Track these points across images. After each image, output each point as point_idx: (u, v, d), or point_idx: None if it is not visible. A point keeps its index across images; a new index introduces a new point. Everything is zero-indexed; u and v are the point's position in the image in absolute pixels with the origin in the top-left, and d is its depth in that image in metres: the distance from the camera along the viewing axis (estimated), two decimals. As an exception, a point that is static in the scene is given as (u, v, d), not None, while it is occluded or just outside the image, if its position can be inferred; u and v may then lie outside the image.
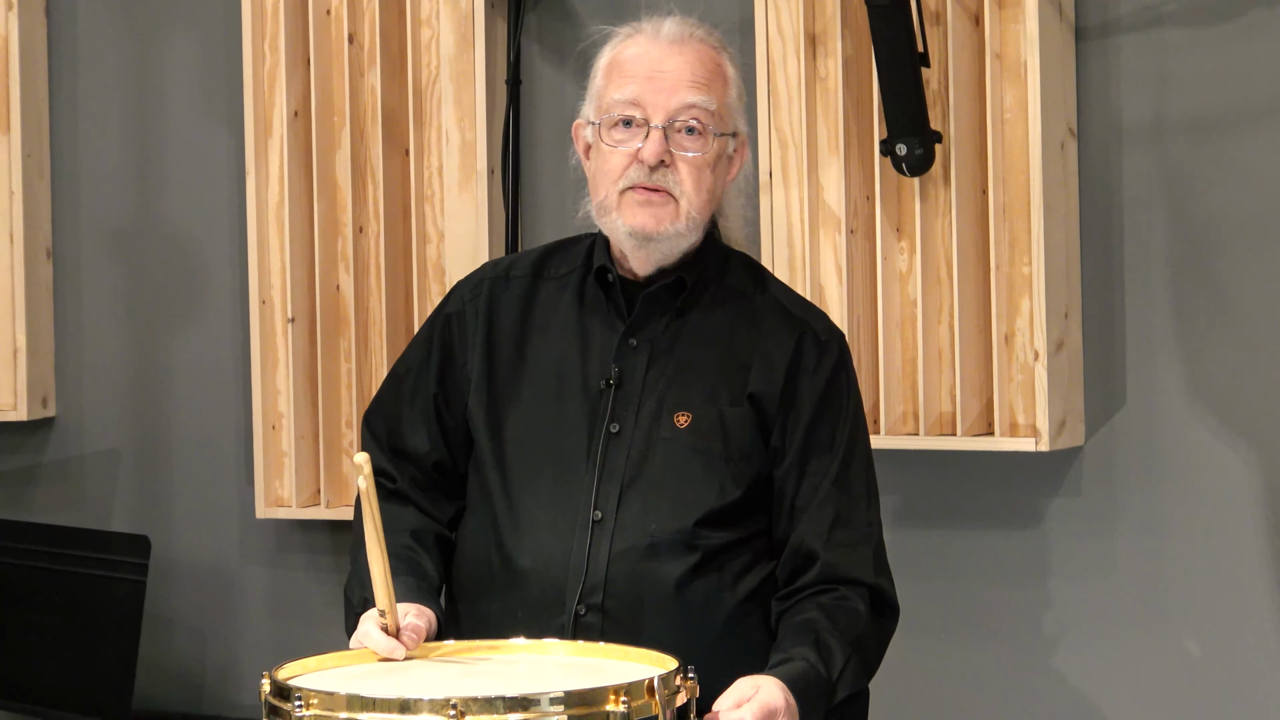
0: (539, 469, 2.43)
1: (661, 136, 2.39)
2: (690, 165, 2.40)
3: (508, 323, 2.51)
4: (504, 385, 2.48)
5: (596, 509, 2.39)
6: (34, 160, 4.15)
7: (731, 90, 2.46)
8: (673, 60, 2.42)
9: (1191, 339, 3.30)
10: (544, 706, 1.94)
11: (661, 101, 2.39)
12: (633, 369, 2.44)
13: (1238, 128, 3.25)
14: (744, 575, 2.40)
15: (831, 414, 2.44)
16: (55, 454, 4.23)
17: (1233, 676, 3.29)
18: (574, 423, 2.43)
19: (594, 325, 2.47)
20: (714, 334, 2.46)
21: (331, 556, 3.99)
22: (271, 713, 2.04)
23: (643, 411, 2.42)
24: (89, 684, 3.85)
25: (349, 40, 3.84)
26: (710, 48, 2.46)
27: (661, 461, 2.40)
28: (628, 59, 2.44)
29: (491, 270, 2.57)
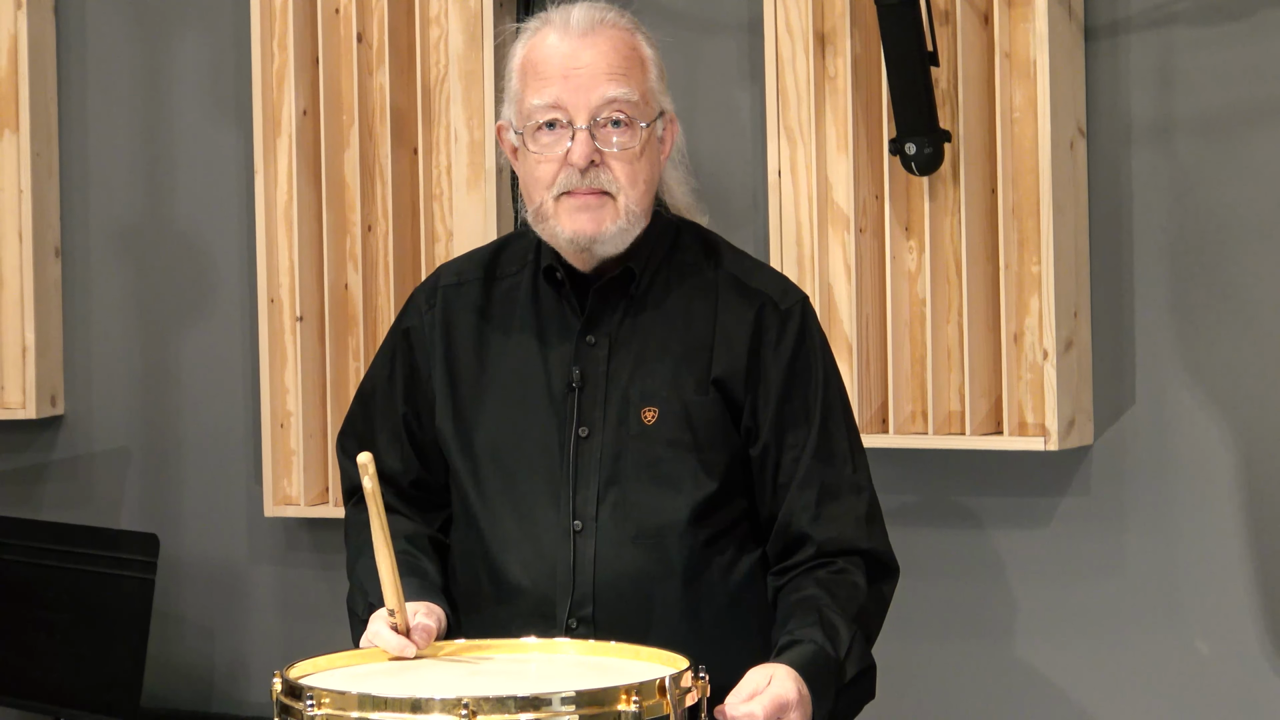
0: (513, 482, 2.38)
1: (587, 136, 2.32)
2: (622, 160, 2.34)
3: (465, 330, 2.45)
4: (469, 398, 2.43)
5: (575, 518, 2.35)
6: (43, 159, 4.15)
7: (651, 72, 2.38)
8: (586, 53, 2.34)
9: (1201, 338, 3.30)
10: (555, 706, 1.93)
11: (582, 100, 2.33)
12: (594, 368, 2.38)
13: (1247, 127, 3.25)
14: (733, 566, 2.37)
15: (801, 384, 2.38)
16: (64, 452, 4.23)
17: (1242, 676, 3.29)
18: (542, 430, 2.38)
19: (550, 326, 2.41)
20: (671, 318, 2.40)
21: (340, 555, 3.96)
22: (283, 712, 2.03)
23: (609, 411, 2.37)
24: (98, 682, 3.85)
25: (358, 39, 3.84)
26: (623, 30, 2.38)
27: (634, 461, 2.35)
28: (541, 59, 2.36)
29: (446, 277, 2.51)
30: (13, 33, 4.11)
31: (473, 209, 3.77)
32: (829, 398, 2.39)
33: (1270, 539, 3.26)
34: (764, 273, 2.47)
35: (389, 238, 3.83)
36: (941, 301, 3.39)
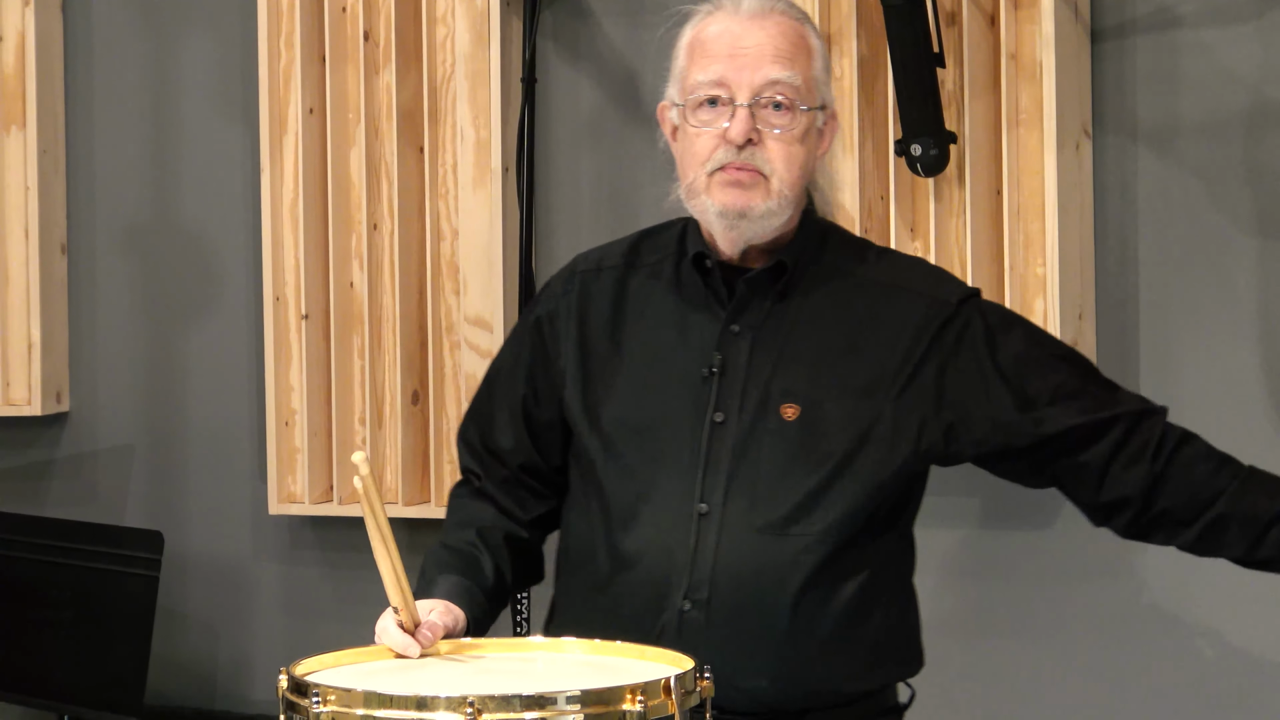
0: (640, 460, 2.38)
1: (748, 114, 2.33)
2: (779, 141, 2.34)
3: (601, 314, 2.46)
4: (599, 376, 2.43)
5: (702, 501, 2.33)
6: (49, 156, 4.15)
7: (817, 62, 2.38)
8: (754, 35, 2.35)
9: (1206, 340, 3.30)
10: (560, 705, 1.93)
11: (745, 79, 2.33)
12: (736, 356, 2.37)
13: (1253, 129, 3.25)
14: (856, 573, 2.33)
15: (1019, 368, 2.38)
16: (69, 449, 4.24)
17: (1247, 679, 3.29)
18: (675, 412, 2.37)
19: (692, 312, 2.41)
20: (819, 318, 2.39)
21: (344, 553, 3.99)
22: (289, 708, 2.03)
23: (748, 401, 2.35)
24: (102, 679, 3.85)
25: (364, 37, 3.84)
26: (793, 20, 2.39)
27: (769, 454, 2.33)
28: (709, 37, 2.37)
29: (583, 263, 2.52)
30: (20, 30, 4.11)
31: (479, 208, 3.77)
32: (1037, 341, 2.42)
33: (1274, 541, 3.26)
34: (928, 273, 2.47)
35: (395, 236, 3.83)
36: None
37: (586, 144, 3.78)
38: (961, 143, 3.34)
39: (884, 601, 2.37)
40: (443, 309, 3.81)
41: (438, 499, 3.82)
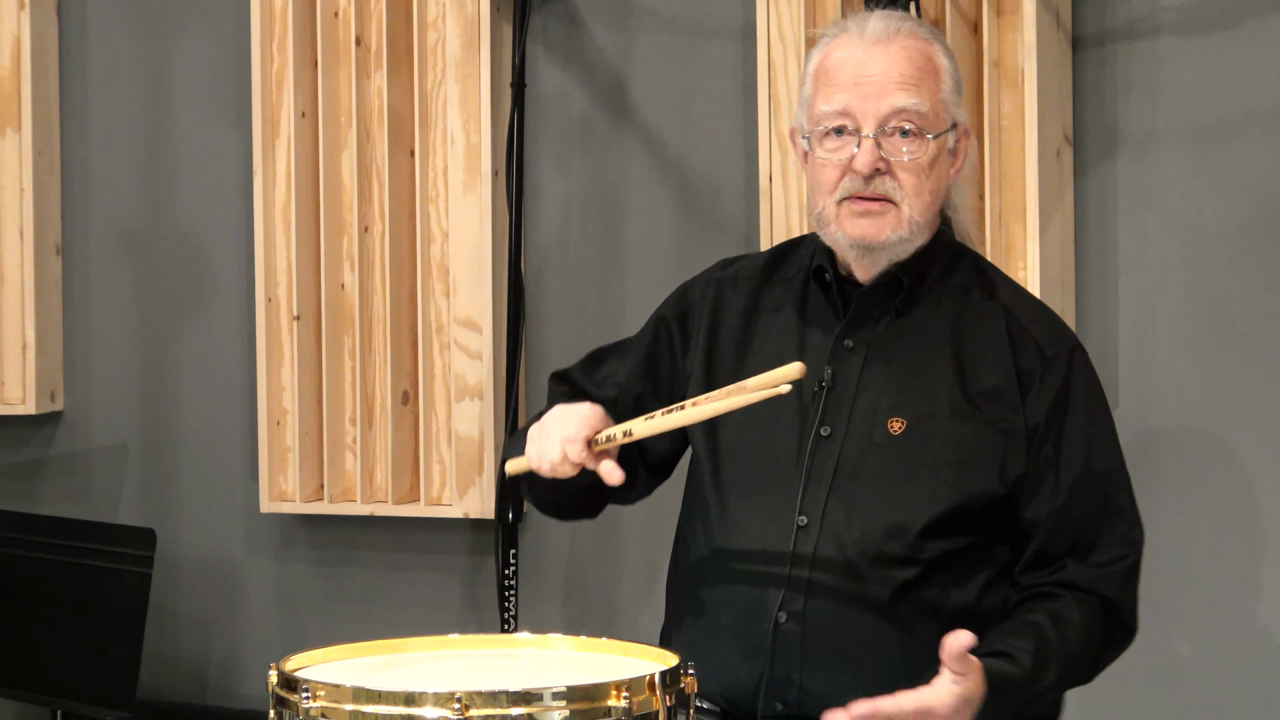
0: (750, 471, 2.37)
1: (874, 145, 2.29)
2: (908, 170, 2.30)
3: (731, 323, 2.45)
4: (722, 384, 2.37)
5: (802, 514, 2.32)
6: (44, 158, 4.15)
7: (945, 83, 2.34)
8: (879, 61, 2.31)
9: (1185, 343, 3.31)
10: (547, 701, 1.94)
11: (870, 108, 2.30)
12: (847, 371, 2.36)
13: (1233, 136, 3.26)
14: (956, 589, 2.31)
15: (1056, 431, 2.32)
16: (63, 448, 4.24)
17: (1221, 677, 3.30)
18: (786, 425, 2.36)
19: (813, 325, 2.39)
20: (934, 337, 2.36)
21: (334, 550, 4.00)
22: (279, 704, 2.04)
23: (855, 415, 2.34)
24: (95, 675, 3.85)
25: (356, 42, 3.85)
26: (920, 40, 2.34)
27: (873, 468, 2.32)
28: (834, 64, 2.34)
29: (721, 270, 2.52)
30: (15, 33, 4.11)
31: (468, 211, 3.78)
32: (1096, 448, 2.35)
33: (1252, 541, 3.27)
34: (1039, 314, 2.41)
35: (385, 239, 3.83)
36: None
37: (575, 148, 3.79)
38: (945, 148, 3.35)
39: (981, 619, 2.31)
40: (433, 310, 3.82)
41: (427, 498, 3.83)
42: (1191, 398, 3.30)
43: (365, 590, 3.98)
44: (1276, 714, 3.26)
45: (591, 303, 3.77)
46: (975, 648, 2.18)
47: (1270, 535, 3.25)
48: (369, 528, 3.93)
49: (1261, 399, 3.25)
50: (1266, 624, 3.26)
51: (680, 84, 3.68)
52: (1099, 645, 2.35)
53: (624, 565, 3.76)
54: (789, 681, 2.30)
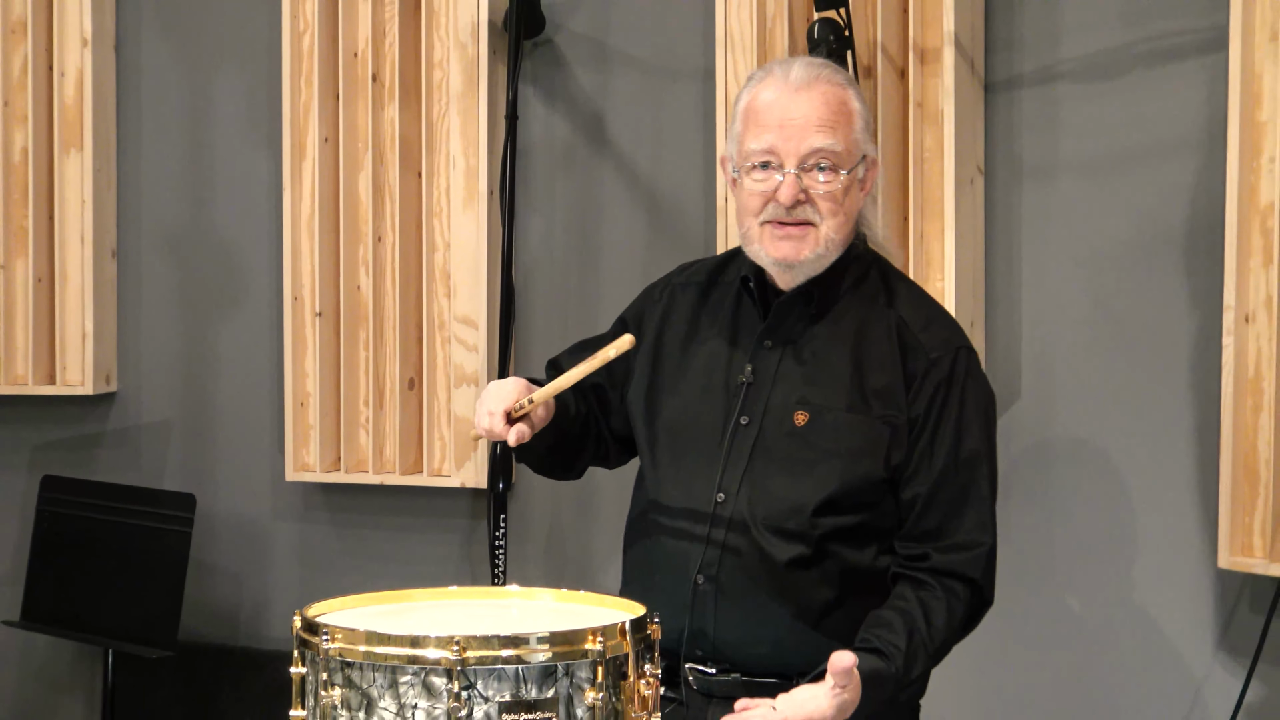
0: (682, 454, 2.38)
1: (795, 179, 2.30)
2: (824, 198, 2.31)
3: (679, 324, 2.45)
4: (666, 380, 2.42)
5: (720, 492, 2.33)
6: (103, 174, 4.14)
7: (857, 123, 2.34)
8: (801, 106, 2.31)
9: (1076, 345, 3.32)
10: (533, 644, 1.94)
11: (793, 148, 2.30)
12: (765, 368, 2.36)
13: (1122, 169, 3.27)
14: (848, 558, 2.30)
15: (933, 426, 2.31)
16: (116, 424, 4.23)
17: (1105, 627, 3.32)
18: (715, 414, 2.37)
19: (742, 328, 2.40)
20: (840, 340, 2.35)
21: (350, 514, 3.99)
22: (302, 644, 2.03)
23: (770, 407, 2.34)
24: (141, 619, 3.85)
25: (372, 79, 3.84)
26: (836, 86, 2.34)
27: (780, 454, 2.32)
28: (761, 106, 2.32)
29: (679, 276, 2.51)
30: (79, 67, 4.10)
31: (467, 224, 3.77)
32: (964, 438, 2.32)
33: (1130, 513, 3.29)
34: (931, 320, 2.38)
35: (396, 247, 3.83)
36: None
37: (560, 171, 3.79)
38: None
39: (866, 586, 2.32)
40: (436, 309, 3.82)
41: (429, 470, 3.84)
42: (1087, 396, 3.32)
43: (376, 548, 3.98)
44: (1143, 650, 3.28)
45: (572, 303, 3.78)
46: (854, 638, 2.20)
47: (1146, 514, 3.27)
48: (379, 495, 3.93)
49: (1146, 397, 3.27)
50: (1139, 584, 3.28)
51: (650, 118, 3.68)
52: (962, 626, 2.34)
53: (598, 529, 3.76)
54: (705, 634, 2.33)
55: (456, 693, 1.91)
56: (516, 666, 1.92)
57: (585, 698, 1.94)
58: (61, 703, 4.30)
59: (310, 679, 2.01)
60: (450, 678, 1.91)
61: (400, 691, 1.93)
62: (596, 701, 1.94)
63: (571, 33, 3.74)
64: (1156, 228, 3.24)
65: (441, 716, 1.92)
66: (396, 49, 3.80)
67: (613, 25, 3.72)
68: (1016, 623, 3.39)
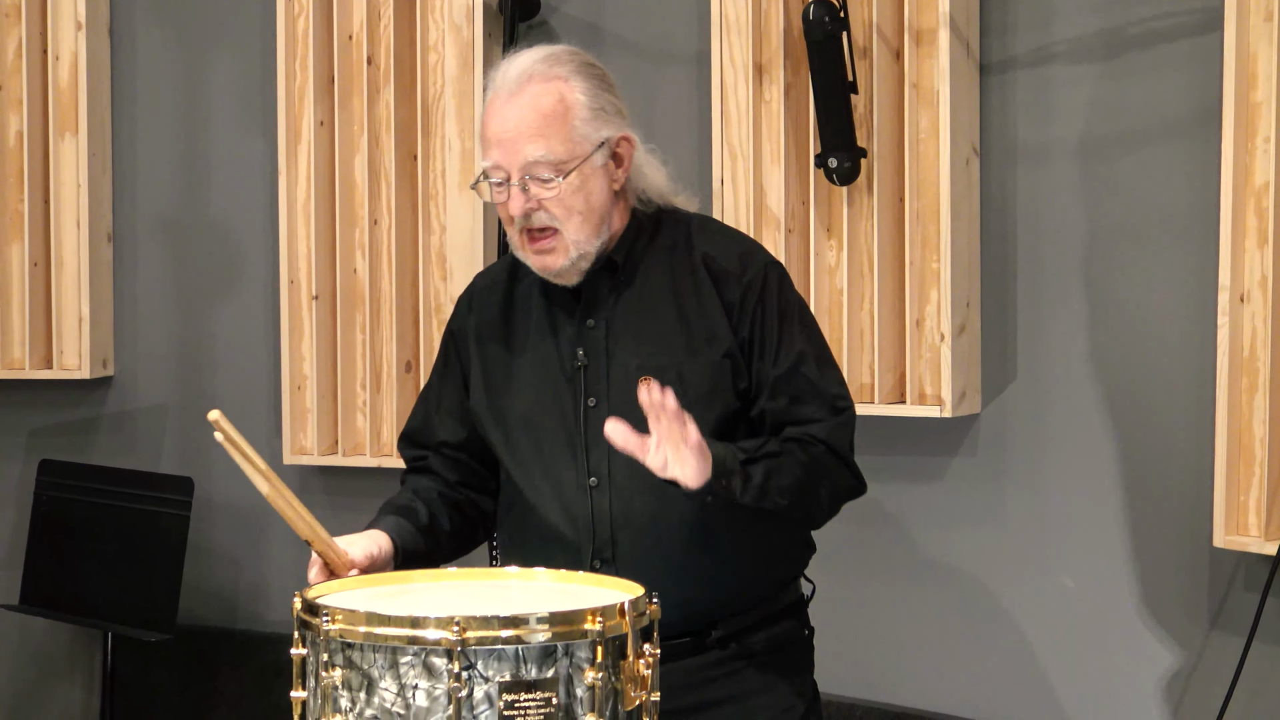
0: (538, 448, 2.36)
1: (519, 191, 2.27)
2: (554, 201, 2.27)
3: (493, 324, 2.42)
4: (499, 379, 2.40)
5: (590, 476, 2.32)
6: (98, 158, 4.13)
7: (577, 116, 2.28)
8: (511, 116, 2.26)
9: (1072, 325, 3.33)
10: (532, 625, 1.93)
11: (511, 160, 2.26)
12: (595, 346, 2.35)
13: (1113, 150, 3.27)
14: (729, 508, 2.25)
15: (760, 324, 2.32)
16: (113, 408, 4.22)
17: (1099, 606, 3.32)
18: (559, 403, 2.35)
19: (559, 314, 2.37)
20: (658, 298, 2.35)
21: (346, 497, 3.99)
22: (302, 626, 2.03)
23: (612, 383, 2.33)
24: (140, 602, 3.85)
25: (368, 62, 3.84)
26: (548, 82, 2.28)
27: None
28: (486, 121, 2.30)
29: (481, 280, 2.50)
30: (74, 51, 4.09)
31: (463, 207, 3.77)
32: (790, 343, 2.32)
33: (1122, 493, 3.30)
34: (729, 247, 2.38)
35: (392, 230, 3.83)
36: (856, 292, 3.41)
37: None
38: (871, 157, 3.35)
39: (758, 525, 2.32)
40: (432, 292, 3.82)
41: (426, 452, 3.83)
42: (1082, 376, 3.32)
43: (373, 531, 3.97)
44: (1139, 629, 3.29)
45: (568, 287, 3.77)
46: None
47: (1141, 493, 3.28)
48: (376, 477, 3.93)
49: (1133, 374, 3.28)
50: (1134, 563, 3.29)
51: (645, 101, 3.67)
52: (825, 459, 2.32)
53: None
54: None
55: (457, 673, 1.91)
56: (516, 647, 1.92)
57: (585, 677, 1.94)
58: (61, 686, 4.31)
59: (311, 660, 2.01)
60: (450, 658, 1.91)
61: (401, 672, 1.93)
62: (596, 681, 1.94)
63: (566, 15, 3.73)
64: (1151, 208, 3.24)
65: (442, 696, 1.92)
66: (391, 32, 3.79)
67: (607, 8, 3.71)
68: (1011, 602, 3.39)
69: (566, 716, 1.94)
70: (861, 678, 3.49)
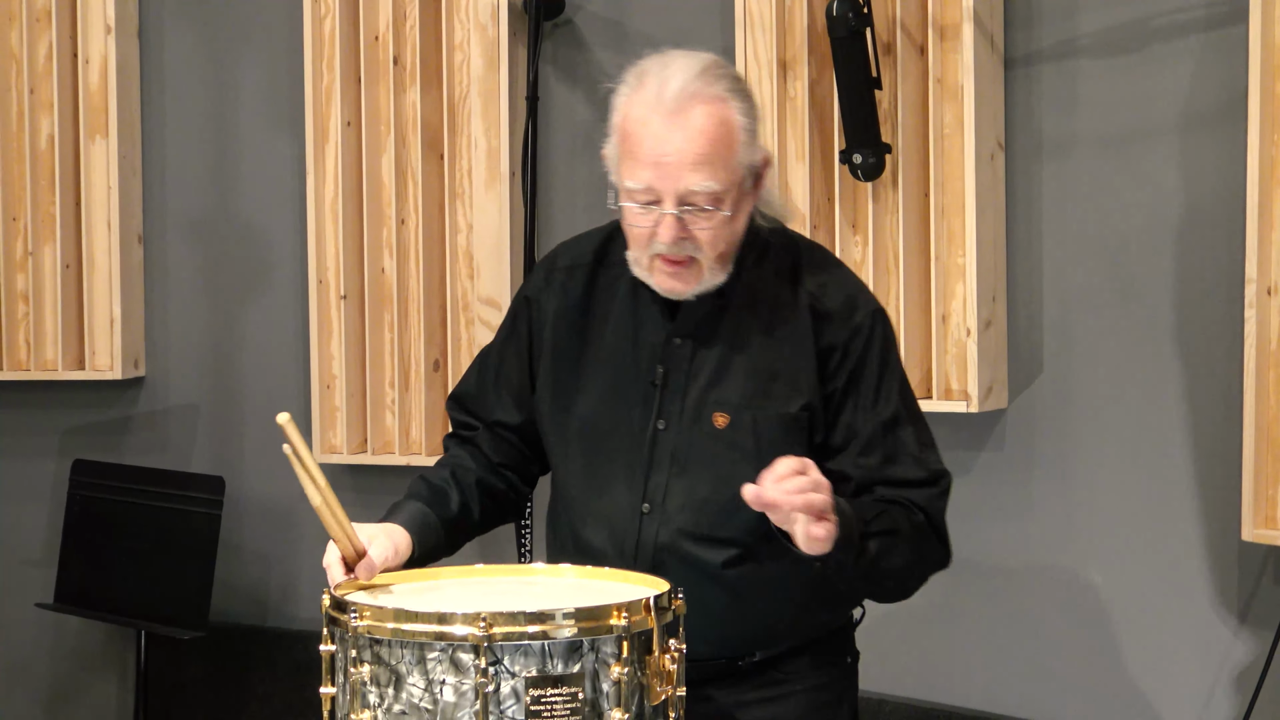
0: (597, 462, 2.29)
1: (674, 220, 2.15)
2: (705, 231, 2.16)
3: (571, 314, 2.31)
4: (568, 378, 2.29)
5: (645, 501, 2.26)
6: (128, 160, 4.15)
7: (739, 141, 2.16)
8: (675, 138, 2.12)
9: (1097, 319, 3.32)
10: (558, 620, 1.94)
11: (669, 187, 2.14)
12: (677, 367, 2.24)
13: (1140, 143, 3.26)
14: (776, 556, 2.19)
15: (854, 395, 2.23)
16: (145, 408, 4.25)
17: (1129, 601, 3.32)
18: (628, 418, 2.26)
19: (645, 320, 2.26)
20: (751, 333, 2.24)
21: (376, 495, 4.00)
22: (331, 623, 2.05)
23: (686, 409, 2.24)
24: (172, 600, 3.87)
25: (394, 62, 3.85)
26: (713, 103, 2.14)
27: (702, 458, 2.23)
28: (635, 136, 2.15)
29: (562, 258, 2.36)
30: (103, 54, 4.11)
31: (490, 205, 3.78)
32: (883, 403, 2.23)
33: (1151, 486, 3.29)
34: (837, 287, 2.27)
35: (419, 229, 3.84)
36: (882, 287, 3.40)
37: (580, 152, 3.79)
38: (896, 153, 3.35)
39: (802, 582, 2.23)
40: (459, 290, 3.83)
41: (455, 450, 3.84)
42: (1109, 370, 3.31)
43: (402, 528, 3.99)
44: (1167, 624, 3.28)
45: (594, 284, 3.78)
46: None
47: (1168, 487, 3.27)
48: (405, 476, 3.91)
49: (1159, 367, 3.27)
50: (1162, 557, 3.28)
51: (670, 98, 3.67)
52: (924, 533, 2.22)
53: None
54: None
55: (483, 668, 1.91)
56: (542, 642, 1.93)
57: (610, 672, 1.95)
58: (95, 683, 4.34)
59: (340, 656, 2.02)
60: (477, 654, 1.92)
61: (428, 668, 1.94)
62: (622, 676, 1.95)
63: (591, 14, 3.74)
64: (1177, 201, 3.23)
65: (469, 692, 1.92)
66: (417, 32, 3.81)
67: (631, 6, 3.71)
68: (1039, 597, 3.39)
69: (593, 711, 1.94)
70: (889, 673, 3.48)
